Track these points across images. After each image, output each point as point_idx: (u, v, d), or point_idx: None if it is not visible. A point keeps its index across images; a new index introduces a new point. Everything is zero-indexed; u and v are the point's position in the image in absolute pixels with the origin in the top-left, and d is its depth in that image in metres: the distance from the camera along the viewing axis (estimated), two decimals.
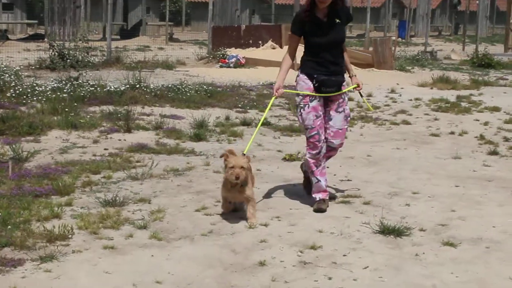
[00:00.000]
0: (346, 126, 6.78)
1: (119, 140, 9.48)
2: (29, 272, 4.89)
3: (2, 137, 9.28)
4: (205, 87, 13.83)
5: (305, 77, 6.59)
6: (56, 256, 5.16)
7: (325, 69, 6.52)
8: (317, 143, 6.61)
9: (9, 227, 5.66)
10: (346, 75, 6.75)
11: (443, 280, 4.96)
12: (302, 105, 6.59)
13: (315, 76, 6.53)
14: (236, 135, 10.08)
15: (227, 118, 11.29)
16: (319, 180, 6.68)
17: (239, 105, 12.60)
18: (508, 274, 5.09)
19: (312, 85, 6.55)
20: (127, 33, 32.30)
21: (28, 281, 4.74)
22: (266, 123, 11.03)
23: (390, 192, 7.29)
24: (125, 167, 7.94)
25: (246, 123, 11.01)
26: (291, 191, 7.26)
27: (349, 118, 6.81)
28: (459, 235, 5.98)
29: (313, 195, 6.72)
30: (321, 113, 6.59)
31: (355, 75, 6.85)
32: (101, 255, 5.26)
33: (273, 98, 6.84)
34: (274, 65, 19.19)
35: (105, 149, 8.93)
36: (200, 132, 9.93)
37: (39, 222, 5.87)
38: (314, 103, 6.56)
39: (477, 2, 42.86)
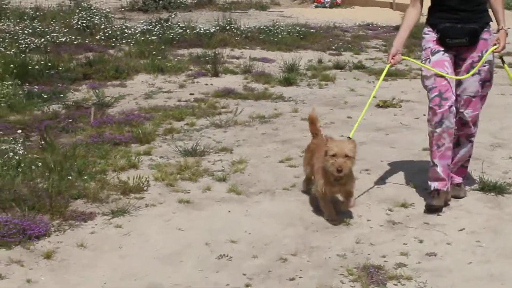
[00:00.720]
0: (480, 94, 5.11)
1: (206, 84, 9.16)
2: (99, 227, 4.65)
3: (89, 81, 9.11)
4: (298, 28, 13.28)
5: (429, 28, 5.14)
6: (129, 210, 4.90)
7: (451, 15, 5.01)
8: (436, 108, 4.95)
9: (84, 177, 5.43)
10: (493, 25, 5.13)
11: None
12: (423, 60, 5.17)
13: (438, 24, 5.07)
14: (328, 79, 9.58)
15: (320, 61, 10.78)
16: (435, 164, 5.08)
17: (333, 47, 12.03)
18: None
19: (435, 35, 5.10)
20: None
21: (97, 237, 4.50)
22: (360, 66, 10.48)
23: (492, 143, 6.69)
24: (209, 113, 7.62)
25: (339, 66, 10.48)
26: (384, 141, 6.77)
27: (488, 83, 5.11)
28: None
29: (429, 183, 5.16)
30: (447, 70, 5.00)
31: (503, 28, 5.00)
32: (176, 210, 4.96)
33: (387, 66, 5.27)
34: (371, 4, 18.42)
35: (190, 94, 8.63)
36: (290, 76, 9.48)
37: (115, 173, 5.63)
38: (438, 56, 5.04)
39: None
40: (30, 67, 8.90)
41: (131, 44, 11.13)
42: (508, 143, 6.69)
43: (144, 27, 12.66)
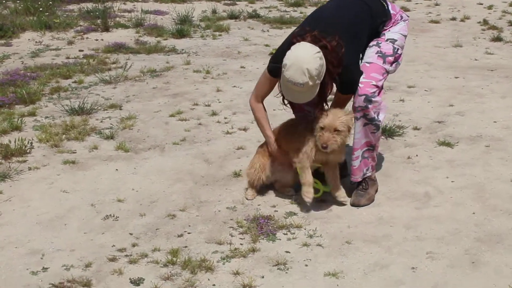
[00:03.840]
0: (380, 64, 4.21)
1: (96, 40, 8.88)
2: None
3: None
4: None
5: None
6: (10, 174, 4.67)
7: None
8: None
9: None
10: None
11: (437, 187, 4.46)
12: None
13: None
14: (222, 30, 9.44)
15: (214, 12, 10.62)
16: None
17: None
18: (509, 177, 4.58)
19: None
20: None
21: None
22: (255, 15, 10.36)
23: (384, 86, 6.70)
24: (99, 69, 7.37)
25: (233, 16, 10.34)
26: (276, 90, 6.68)
27: (390, 58, 4.25)
28: (456, 133, 5.45)
29: None
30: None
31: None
32: (60, 172, 4.76)
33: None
34: None
35: (80, 50, 8.34)
36: (183, 28, 9.28)
37: None
38: None
39: None
40: None
41: (17, 1, 10.65)
42: (398, 86, 6.74)
43: None
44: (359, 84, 4.14)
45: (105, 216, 4.11)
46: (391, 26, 4.35)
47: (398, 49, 4.30)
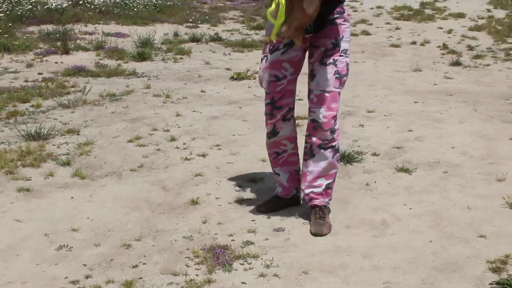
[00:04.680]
0: (338, 89, 4.13)
1: (56, 63, 8.78)
2: None
3: None
4: (154, 1, 13.02)
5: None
6: None
7: None
8: (267, 118, 4.31)
9: None
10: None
11: (394, 214, 4.45)
12: (262, 57, 4.27)
13: None
14: (183, 53, 9.42)
15: (176, 34, 10.59)
16: (276, 173, 4.53)
17: (190, 20, 11.87)
18: (466, 203, 4.59)
19: None
20: None
21: None
22: (216, 39, 10.36)
23: (343, 111, 6.73)
24: (57, 93, 7.28)
25: (195, 39, 10.33)
26: (236, 115, 6.68)
27: (345, 78, 4.15)
28: (415, 159, 5.47)
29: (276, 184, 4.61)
30: (286, 72, 4.17)
31: None
32: (14, 200, 4.66)
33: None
34: None
35: (39, 73, 8.25)
36: (144, 51, 9.24)
37: None
38: (276, 55, 4.17)
39: None
40: None
41: None
42: (358, 111, 6.76)
43: None
44: (323, 119, 4.10)
45: (59, 246, 4.02)
46: (344, 23, 4.15)
47: (349, 63, 4.22)
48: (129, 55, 9.14)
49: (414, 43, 10.28)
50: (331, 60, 4.10)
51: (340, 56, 4.12)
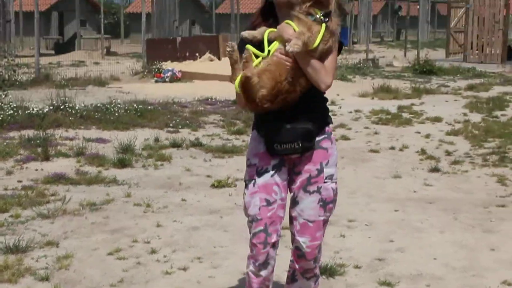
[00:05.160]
0: (322, 217, 4.05)
1: (36, 170, 8.76)
2: None
3: None
4: (135, 105, 13.13)
5: (256, 133, 4.09)
6: None
7: (277, 113, 3.88)
8: (261, 247, 3.98)
9: None
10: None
11: None
12: (247, 181, 4.08)
13: (262, 125, 4.01)
14: (164, 159, 9.42)
15: (156, 140, 10.64)
16: None
17: (171, 125, 11.96)
18: None
19: (262, 145, 4.00)
20: (62, 48, 31.35)
21: None
22: (197, 144, 10.42)
23: None
24: (37, 202, 7.23)
25: (176, 144, 10.36)
26: (217, 225, 6.65)
27: (330, 205, 4.06)
28: (397, 271, 5.45)
29: None
30: (276, 197, 3.99)
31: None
32: None
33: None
34: (211, 78, 18.65)
35: (18, 181, 8.20)
36: (124, 157, 9.25)
37: None
38: (266, 177, 4.01)
39: (418, 7, 42.87)
40: None
41: None
42: (339, 220, 6.76)
43: None
44: (306, 249, 4.02)
45: None
46: (332, 146, 4.06)
47: (336, 188, 4.12)
48: (109, 161, 9.15)
49: (393, 148, 10.40)
50: (315, 188, 3.98)
51: (325, 182, 3.99)
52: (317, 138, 3.99)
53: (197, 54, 21.92)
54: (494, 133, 11.51)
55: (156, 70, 19.54)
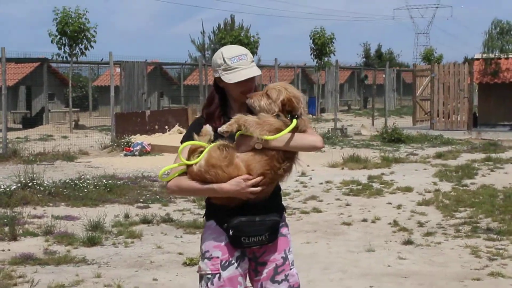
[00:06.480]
0: None
1: (3, 250, 8.56)
2: None
3: None
4: (104, 181, 13.01)
5: (214, 224, 3.95)
6: None
7: (246, 205, 3.83)
8: None
9: None
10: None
11: None
12: (208, 275, 3.90)
13: (228, 218, 3.86)
14: (134, 236, 9.28)
15: (126, 216, 10.49)
16: None
17: (141, 200, 11.84)
18: None
19: (224, 237, 3.89)
20: (30, 122, 31.18)
21: None
22: (168, 220, 10.29)
23: None
24: (4, 285, 7.03)
25: (146, 220, 10.23)
26: None
27: None
28: None
29: None
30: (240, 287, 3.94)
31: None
32: None
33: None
34: None
35: None
36: (94, 235, 9.09)
37: None
38: (231, 270, 3.89)
39: (383, 76, 43.53)
40: None
41: None
42: None
43: None
44: None
45: None
46: (289, 231, 4.06)
47: (297, 272, 4.07)
48: (79, 240, 8.97)
49: (365, 220, 10.35)
50: (283, 277, 3.94)
51: (290, 269, 3.98)
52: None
53: (166, 127, 21.90)
54: (465, 202, 11.56)
55: (125, 143, 19.45)
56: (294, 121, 3.78)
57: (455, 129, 27.34)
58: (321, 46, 32.11)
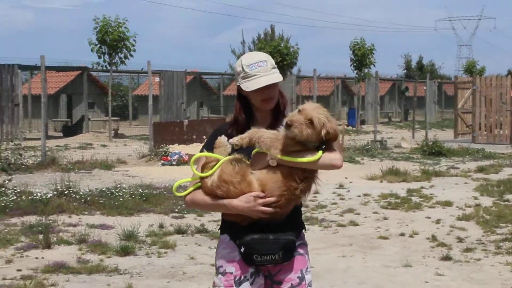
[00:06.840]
0: None
1: (36, 258, 8.54)
2: None
3: None
4: (140, 190, 12.98)
5: (227, 238, 3.84)
6: None
7: (258, 221, 3.68)
8: None
9: None
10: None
11: None
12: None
13: (241, 235, 3.73)
14: (168, 247, 9.20)
15: (161, 226, 10.42)
16: None
17: (176, 210, 11.77)
18: None
19: (237, 253, 3.77)
20: (70, 130, 31.46)
21: None
22: (202, 230, 10.20)
23: None
24: None
25: (181, 231, 10.15)
26: None
27: None
28: None
29: None
30: None
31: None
32: None
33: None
34: None
35: (18, 270, 7.98)
36: (127, 245, 9.02)
37: None
38: (245, 287, 3.77)
39: (425, 87, 43.09)
40: None
41: None
42: None
43: None
44: None
45: None
46: (307, 251, 3.90)
47: None
48: (112, 249, 8.92)
49: (403, 234, 10.14)
50: None
51: None
52: (297, 242, 3.84)
53: (204, 137, 21.85)
54: (507, 218, 11.26)
55: (163, 153, 19.45)
56: (320, 153, 3.60)
57: (497, 143, 26.91)
58: (361, 57, 31.96)
